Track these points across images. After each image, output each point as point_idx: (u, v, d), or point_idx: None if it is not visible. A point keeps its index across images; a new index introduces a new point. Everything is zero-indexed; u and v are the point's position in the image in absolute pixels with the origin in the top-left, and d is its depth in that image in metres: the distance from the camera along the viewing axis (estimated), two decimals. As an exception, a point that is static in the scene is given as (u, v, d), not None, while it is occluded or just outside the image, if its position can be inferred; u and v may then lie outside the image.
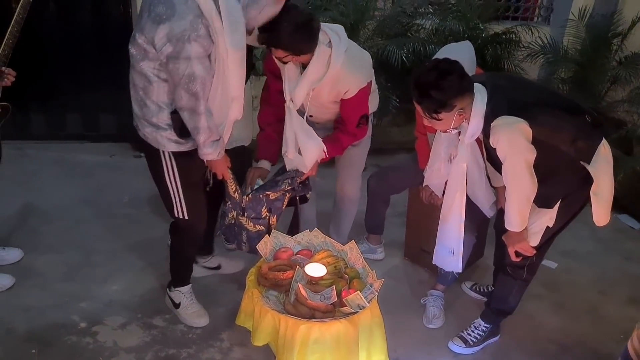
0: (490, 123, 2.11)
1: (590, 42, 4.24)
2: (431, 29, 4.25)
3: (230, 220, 2.59)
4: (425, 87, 2.09)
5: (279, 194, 2.55)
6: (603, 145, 2.22)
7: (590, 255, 3.50)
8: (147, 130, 2.20)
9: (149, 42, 1.99)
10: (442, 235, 2.64)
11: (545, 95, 2.38)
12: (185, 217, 2.38)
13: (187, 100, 2.05)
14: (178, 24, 1.92)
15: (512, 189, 2.18)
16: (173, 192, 2.33)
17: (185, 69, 1.97)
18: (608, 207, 2.27)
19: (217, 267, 2.95)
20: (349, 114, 2.57)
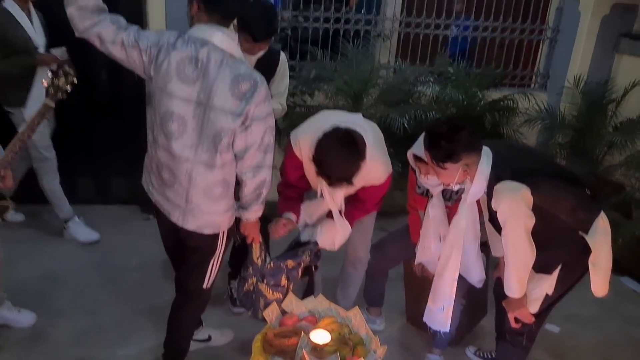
0: (494, 186, 2.21)
1: (586, 108, 4.39)
2: (432, 97, 4.42)
3: (249, 287, 2.64)
4: (436, 136, 2.26)
5: (296, 264, 2.64)
6: (601, 218, 2.31)
7: (593, 319, 3.52)
8: (207, 219, 2.24)
9: (237, 118, 2.06)
10: (435, 292, 2.69)
11: (547, 165, 2.50)
12: (210, 286, 2.45)
13: (260, 157, 2.15)
14: (264, 87, 2.08)
15: (511, 254, 2.26)
16: (213, 266, 2.39)
17: (265, 125, 2.11)
18: (606, 278, 2.33)
19: (207, 339, 2.94)
20: (371, 197, 2.67)
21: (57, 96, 2.35)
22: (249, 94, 2.05)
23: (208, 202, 2.21)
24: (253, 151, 2.12)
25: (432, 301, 2.69)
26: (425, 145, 2.32)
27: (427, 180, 2.66)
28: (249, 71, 2.10)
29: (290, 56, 4.66)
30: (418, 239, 2.85)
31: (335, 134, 2.36)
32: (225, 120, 2.06)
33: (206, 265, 2.38)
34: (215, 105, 2.05)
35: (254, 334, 2.48)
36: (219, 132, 2.08)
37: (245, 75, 2.06)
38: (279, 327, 2.50)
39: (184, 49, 2.05)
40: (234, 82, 2.04)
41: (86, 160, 4.38)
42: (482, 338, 3.16)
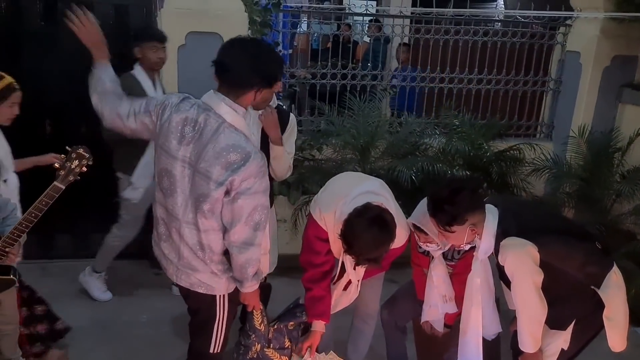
0: (500, 242, 2.22)
1: (592, 157, 4.42)
2: (438, 148, 4.47)
3: (253, 355, 2.62)
4: (439, 201, 2.28)
5: (297, 324, 2.63)
6: (614, 272, 2.30)
7: (611, 373, 3.44)
8: (198, 277, 2.21)
9: (219, 186, 2.04)
10: (462, 348, 2.64)
11: (555, 221, 2.51)
12: (219, 351, 2.38)
13: (246, 233, 2.10)
14: (255, 162, 2.04)
15: (521, 309, 2.25)
16: (218, 331, 2.33)
17: (254, 201, 2.06)
18: (623, 332, 2.30)
19: None
20: (389, 257, 2.66)
21: (68, 179, 2.32)
22: (236, 164, 2.03)
23: (197, 260, 2.21)
24: (240, 226, 2.09)
25: (460, 357, 2.66)
26: (429, 212, 2.35)
27: (426, 247, 2.68)
28: (244, 144, 2.07)
29: (299, 111, 4.76)
30: (422, 296, 2.84)
31: (367, 214, 2.30)
32: (206, 186, 2.06)
33: (209, 329, 2.33)
34: (200, 169, 2.07)
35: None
36: (199, 196, 2.09)
37: (238, 147, 2.04)
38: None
39: (187, 111, 2.11)
40: (224, 150, 2.03)
41: (98, 216, 4.42)
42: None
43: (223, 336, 2.36)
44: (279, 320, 2.62)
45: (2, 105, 2.72)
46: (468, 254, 2.66)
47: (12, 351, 2.87)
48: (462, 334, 2.63)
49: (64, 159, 2.30)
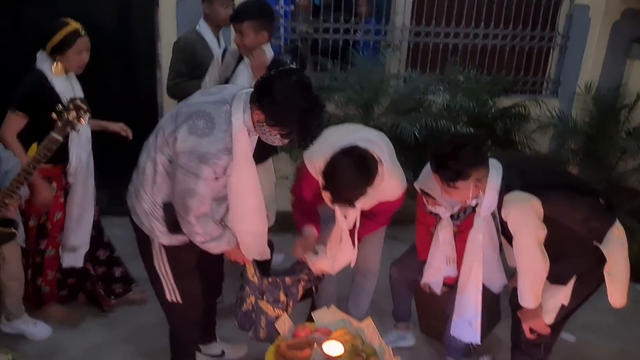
0: (504, 196, 2.20)
1: (598, 114, 4.36)
2: (442, 105, 4.41)
3: (248, 307, 2.64)
4: (442, 157, 2.25)
5: (295, 281, 2.63)
6: (617, 228, 2.29)
7: (610, 328, 3.48)
8: (141, 216, 2.26)
9: (171, 143, 2.07)
10: (460, 306, 2.65)
11: (558, 176, 2.49)
12: (179, 301, 2.39)
13: (179, 208, 2.13)
14: (207, 145, 2.01)
15: (523, 265, 2.25)
16: (164, 278, 2.35)
17: (189, 184, 2.05)
18: (624, 288, 2.30)
19: (220, 354, 2.93)
20: (385, 212, 2.68)
21: (65, 130, 2.30)
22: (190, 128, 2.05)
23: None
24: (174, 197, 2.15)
25: (457, 315, 2.67)
26: (433, 168, 2.32)
27: (434, 209, 2.68)
28: (216, 125, 2.05)
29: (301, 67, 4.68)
30: (424, 256, 2.84)
31: (351, 154, 2.34)
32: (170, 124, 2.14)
33: (155, 273, 2.35)
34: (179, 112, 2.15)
35: (267, 347, 2.48)
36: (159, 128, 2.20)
37: (209, 120, 2.05)
38: (292, 339, 2.50)
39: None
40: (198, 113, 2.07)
41: (103, 173, 4.41)
42: (497, 348, 3.13)
43: (176, 287, 2.35)
44: (275, 273, 2.62)
45: (68, 52, 2.70)
46: (474, 213, 2.64)
47: (17, 308, 2.90)
48: (461, 292, 2.64)
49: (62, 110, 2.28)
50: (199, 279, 2.44)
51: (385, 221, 2.78)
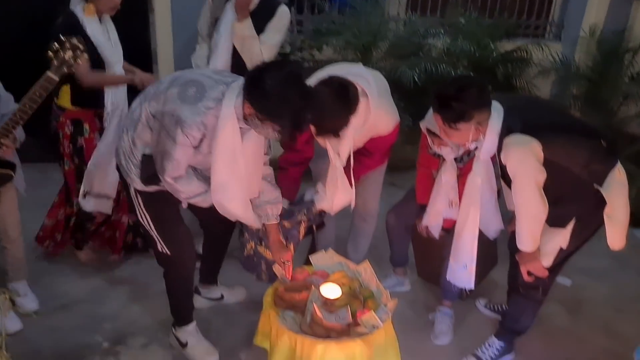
0: (504, 139, 2.16)
1: (601, 58, 4.29)
2: (443, 49, 4.32)
3: (249, 251, 2.65)
4: (445, 98, 2.19)
5: (294, 223, 2.61)
6: (618, 170, 2.25)
7: (606, 272, 3.51)
8: (121, 156, 2.25)
9: (162, 100, 2.07)
10: (457, 250, 2.64)
11: (561, 118, 2.44)
12: (167, 252, 2.36)
13: (157, 167, 2.13)
14: (185, 112, 2.00)
15: (522, 209, 2.23)
16: (148, 227, 2.33)
17: (167, 146, 2.05)
18: (623, 230, 2.29)
19: (219, 297, 2.95)
20: (379, 148, 2.64)
21: (61, 69, 2.23)
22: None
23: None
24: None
25: (453, 259, 2.66)
26: (434, 109, 2.26)
27: (439, 150, 2.64)
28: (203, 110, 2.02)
29: (298, 10, 4.56)
30: (424, 200, 2.82)
31: (330, 83, 2.34)
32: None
33: (141, 223, 2.35)
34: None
35: (266, 290, 2.49)
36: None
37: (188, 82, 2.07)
38: (289, 280, 2.51)
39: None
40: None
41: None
42: (493, 291, 3.16)
43: (159, 237, 2.32)
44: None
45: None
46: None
47: (14, 271, 2.82)
48: (457, 236, 2.61)
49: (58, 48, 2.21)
50: (185, 228, 2.39)
51: (380, 159, 2.75)
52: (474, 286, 2.67)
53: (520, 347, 2.73)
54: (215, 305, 2.93)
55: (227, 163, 2.14)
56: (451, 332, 2.83)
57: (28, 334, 2.67)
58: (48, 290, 2.98)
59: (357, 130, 2.47)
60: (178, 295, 2.56)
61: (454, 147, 2.58)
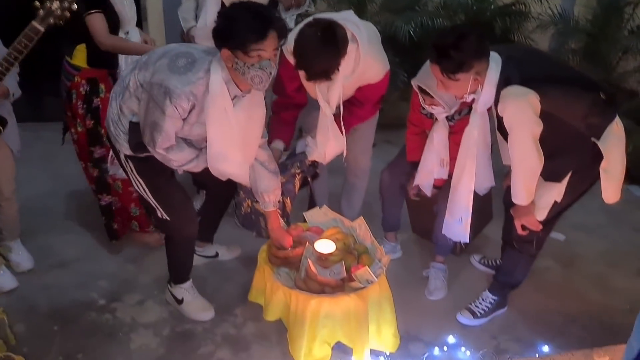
0: (501, 91, 2.12)
1: (601, 11, 4.21)
2: (439, 2, 4.23)
3: (247, 210, 2.64)
4: (444, 47, 2.13)
5: (289, 177, 2.60)
6: (616, 123, 2.22)
7: (600, 228, 3.52)
8: (110, 121, 2.21)
9: (150, 70, 2.04)
10: (453, 204, 2.62)
11: (559, 70, 2.38)
12: (166, 218, 2.35)
13: (148, 139, 2.10)
14: (174, 82, 1.97)
15: (517, 161, 2.20)
16: (144, 193, 2.31)
17: (157, 118, 2.02)
18: (618, 184, 2.27)
19: (214, 255, 2.96)
20: (369, 97, 2.60)
21: (47, 20, 2.14)
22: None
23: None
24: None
25: (449, 213, 2.64)
26: (433, 59, 2.19)
27: (432, 109, 2.58)
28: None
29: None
30: (414, 158, 2.79)
31: (317, 25, 2.29)
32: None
33: (136, 187, 2.33)
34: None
35: (261, 247, 2.49)
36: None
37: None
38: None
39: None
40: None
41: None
42: (487, 246, 3.17)
43: (156, 202, 2.30)
44: None
45: None
46: (469, 115, 2.55)
47: (8, 230, 2.82)
48: (453, 189, 2.60)
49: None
50: (182, 192, 2.38)
51: (371, 110, 2.70)
52: (469, 240, 2.67)
53: (513, 301, 2.75)
54: (211, 262, 2.95)
55: (222, 131, 2.12)
56: (445, 287, 2.85)
57: (23, 291, 2.69)
58: (43, 249, 2.99)
59: (346, 78, 2.43)
60: (179, 257, 2.56)
61: (445, 105, 2.53)
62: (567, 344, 2.51)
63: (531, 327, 2.66)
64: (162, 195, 2.32)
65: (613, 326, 2.65)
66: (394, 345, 2.42)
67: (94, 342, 2.44)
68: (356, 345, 2.27)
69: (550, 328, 2.66)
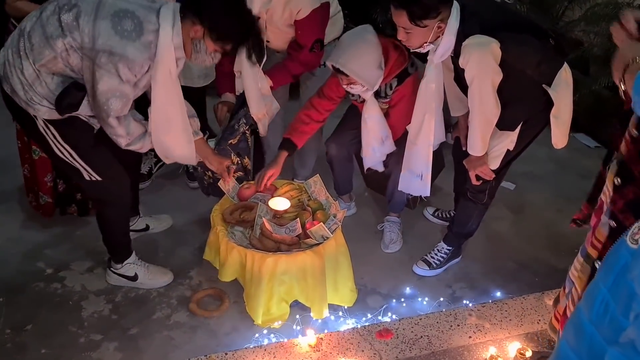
0: (462, 42, 2.07)
1: (548, -40, 4.19)
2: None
3: (209, 180, 2.58)
4: None
5: (240, 136, 2.52)
6: (564, 70, 2.23)
7: (548, 175, 3.61)
8: (15, 85, 1.98)
9: (89, 33, 1.86)
10: (410, 160, 2.58)
11: (513, 17, 2.36)
12: (98, 178, 2.18)
13: (99, 110, 1.97)
14: (133, 52, 1.88)
15: (477, 112, 2.18)
16: (69, 160, 2.13)
17: (113, 85, 1.90)
18: (567, 130, 2.30)
19: (145, 228, 2.82)
20: (302, 37, 2.51)
21: None
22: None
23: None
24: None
25: (406, 169, 2.60)
26: (399, 5, 2.06)
27: (350, 89, 2.49)
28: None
29: None
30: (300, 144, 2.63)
31: None
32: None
33: (57, 157, 2.13)
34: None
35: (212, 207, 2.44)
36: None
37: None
38: (237, 198, 2.46)
39: None
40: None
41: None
42: (439, 199, 3.18)
43: (86, 164, 2.14)
44: (219, 143, 2.50)
45: None
46: (402, 86, 2.52)
47: None
48: (411, 145, 2.55)
49: None
50: (108, 148, 2.20)
51: (312, 54, 2.55)
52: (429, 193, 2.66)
53: (467, 250, 2.81)
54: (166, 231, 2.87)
55: (169, 95, 2.05)
56: (400, 240, 2.87)
57: (-36, 264, 2.56)
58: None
59: (266, 1, 2.38)
60: (118, 227, 2.41)
61: (366, 82, 2.42)
62: (519, 289, 2.58)
63: (484, 275, 2.72)
64: (90, 155, 2.15)
65: (562, 270, 2.72)
66: (352, 299, 2.43)
67: (44, 312, 2.36)
68: (314, 303, 2.27)
69: (503, 274, 2.73)
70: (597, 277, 1.10)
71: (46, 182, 2.74)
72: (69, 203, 2.86)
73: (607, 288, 1.03)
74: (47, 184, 2.74)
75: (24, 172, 2.81)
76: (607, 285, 1.04)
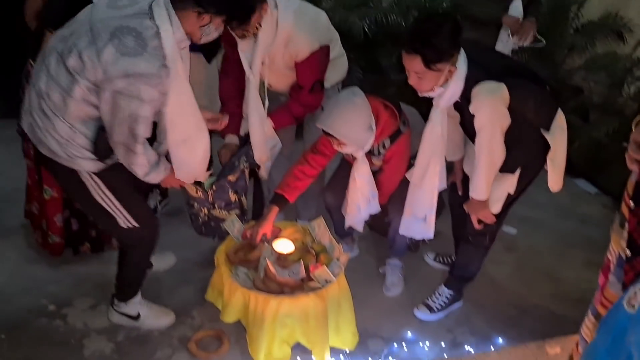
0: (471, 87, 2.09)
1: (548, 10, 4.29)
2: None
3: (204, 218, 2.60)
4: (426, 34, 2.01)
5: (239, 174, 2.56)
6: (559, 115, 2.29)
7: (549, 221, 3.63)
8: (54, 146, 2.01)
9: (97, 66, 1.85)
10: (413, 203, 2.57)
11: (510, 63, 2.42)
12: (135, 225, 2.21)
13: (125, 138, 1.95)
14: (144, 65, 1.85)
15: (485, 158, 2.19)
16: (110, 207, 2.15)
17: (135, 109, 1.89)
18: (562, 173, 2.36)
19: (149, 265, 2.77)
20: (302, 78, 2.56)
21: None
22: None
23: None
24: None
25: (409, 213, 2.59)
26: (411, 49, 2.04)
27: (341, 149, 2.50)
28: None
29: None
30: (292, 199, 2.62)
31: None
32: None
33: (98, 207, 2.15)
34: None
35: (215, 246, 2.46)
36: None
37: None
38: (242, 239, 2.48)
39: None
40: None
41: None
42: (440, 244, 3.14)
43: (125, 211, 2.17)
44: (217, 179, 2.53)
45: None
46: (395, 145, 2.55)
47: None
48: (415, 189, 2.54)
49: None
50: (140, 194, 2.29)
51: (312, 94, 2.59)
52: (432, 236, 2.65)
53: (468, 295, 2.80)
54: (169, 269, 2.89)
55: (186, 95, 2.09)
56: (402, 283, 2.88)
57: (-33, 299, 2.56)
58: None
59: (267, 46, 2.42)
60: (138, 269, 2.43)
61: (355, 144, 2.45)
62: (520, 336, 2.58)
63: (485, 320, 2.72)
64: (130, 201, 2.19)
65: (563, 317, 2.74)
66: (353, 343, 2.43)
67: (45, 350, 2.35)
68: (316, 346, 2.27)
69: (504, 320, 2.73)
70: (596, 338, 1.12)
71: (56, 222, 2.73)
72: (82, 242, 2.85)
73: (606, 349, 1.05)
74: (57, 224, 2.74)
75: (32, 209, 2.84)
76: (605, 346, 1.06)
